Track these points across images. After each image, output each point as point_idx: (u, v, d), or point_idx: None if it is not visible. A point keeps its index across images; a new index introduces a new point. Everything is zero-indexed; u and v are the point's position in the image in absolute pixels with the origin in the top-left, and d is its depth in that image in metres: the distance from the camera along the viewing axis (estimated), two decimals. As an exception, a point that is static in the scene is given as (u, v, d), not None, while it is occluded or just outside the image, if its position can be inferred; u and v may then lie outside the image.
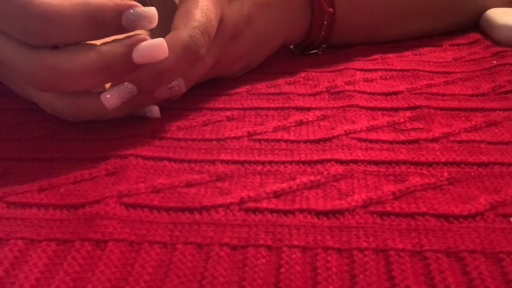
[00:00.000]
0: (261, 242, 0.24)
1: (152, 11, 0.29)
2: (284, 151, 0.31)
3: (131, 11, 0.29)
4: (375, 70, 0.41)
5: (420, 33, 0.47)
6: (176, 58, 0.31)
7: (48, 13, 0.27)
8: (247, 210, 0.26)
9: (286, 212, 0.26)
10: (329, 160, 0.30)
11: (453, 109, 0.35)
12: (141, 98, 0.32)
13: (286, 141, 0.32)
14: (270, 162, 0.30)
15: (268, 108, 0.36)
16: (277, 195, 0.27)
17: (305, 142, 0.32)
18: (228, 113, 0.35)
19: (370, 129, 0.33)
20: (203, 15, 0.33)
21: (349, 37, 0.45)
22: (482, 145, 0.31)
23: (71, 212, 0.26)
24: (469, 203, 0.26)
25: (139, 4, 0.29)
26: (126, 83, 0.30)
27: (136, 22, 0.29)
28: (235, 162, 0.30)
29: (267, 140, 0.32)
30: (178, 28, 0.32)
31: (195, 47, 0.32)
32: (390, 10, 0.44)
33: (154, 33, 0.37)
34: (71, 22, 0.27)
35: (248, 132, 0.33)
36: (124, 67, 0.29)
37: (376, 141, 0.31)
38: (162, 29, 0.38)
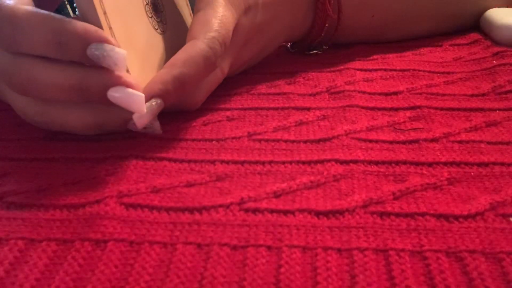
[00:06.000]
0: (261, 242, 0.24)
1: (120, 54, 0.27)
2: (284, 151, 0.31)
3: (98, 45, 0.27)
4: (375, 70, 0.41)
5: (420, 35, 0.47)
6: (197, 69, 0.31)
7: (15, 18, 0.27)
8: (247, 210, 0.26)
9: (286, 212, 0.26)
10: (329, 160, 0.30)
11: (453, 109, 0.35)
12: (113, 124, 0.31)
13: (286, 141, 0.32)
14: (270, 162, 0.30)
15: (268, 108, 0.36)
16: (277, 195, 0.27)
17: (305, 142, 0.32)
18: (228, 113, 0.35)
19: (370, 129, 0.33)
20: (222, 25, 0.33)
21: (350, 38, 0.45)
22: (482, 145, 0.31)
23: (71, 212, 0.26)
24: (469, 203, 0.26)
25: (112, 41, 0.28)
26: (153, 99, 0.30)
27: (100, 58, 0.27)
28: (235, 162, 0.30)
29: (267, 140, 0.32)
30: (197, 38, 0.32)
31: (213, 58, 0.32)
32: (391, 14, 0.44)
33: (166, 34, 0.37)
34: (36, 33, 0.27)
35: (248, 132, 0.33)
36: (98, 96, 0.28)
37: (376, 141, 0.31)
38: (173, 31, 0.38)
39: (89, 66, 0.28)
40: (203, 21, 0.33)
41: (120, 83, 0.28)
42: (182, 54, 0.31)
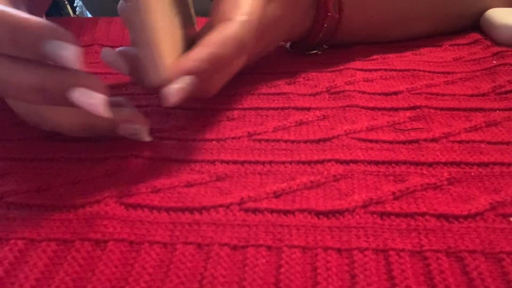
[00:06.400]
0: (261, 242, 0.24)
1: (71, 51, 0.25)
2: (284, 151, 0.31)
3: (50, 42, 0.25)
4: (375, 70, 0.41)
5: (420, 35, 0.47)
6: (231, 51, 0.31)
7: None
8: (247, 210, 0.26)
9: (286, 212, 0.26)
10: (329, 160, 0.30)
11: (453, 109, 0.35)
12: (101, 127, 0.30)
13: (286, 141, 0.32)
14: (270, 162, 0.30)
15: (268, 108, 0.36)
16: (277, 195, 0.27)
17: (305, 142, 0.32)
18: (228, 113, 0.35)
19: (370, 129, 0.33)
20: (253, 10, 0.32)
21: (349, 38, 0.45)
22: (482, 145, 0.31)
23: (71, 212, 0.26)
24: (469, 203, 0.26)
25: (68, 36, 0.26)
26: (186, 76, 0.29)
27: (52, 56, 0.25)
28: (235, 162, 0.30)
29: (267, 140, 0.32)
30: (230, 19, 0.31)
31: (246, 42, 0.32)
32: (391, 14, 0.44)
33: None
34: None
35: (248, 132, 0.33)
36: (60, 98, 0.27)
37: (376, 141, 0.31)
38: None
39: (52, 65, 0.27)
40: (234, 2, 0.32)
41: (79, 83, 0.26)
42: (216, 35, 0.31)
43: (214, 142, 0.32)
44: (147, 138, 0.30)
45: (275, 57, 0.43)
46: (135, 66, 0.31)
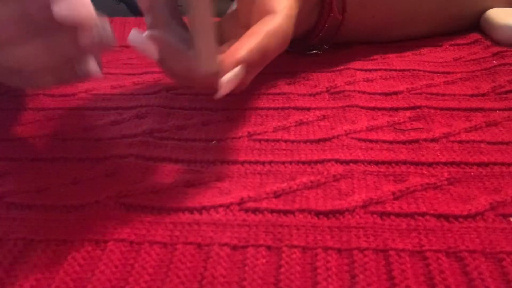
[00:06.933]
0: (261, 242, 0.24)
1: None
2: (284, 151, 0.31)
3: None
4: (375, 70, 0.41)
5: (421, 36, 0.47)
6: (278, 43, 0.31)
7: None
8: (247, 210, 0.26)
9: (286, 212, 0.26)
10: (329, 160, 0.30)
11: (453, 109, 0.35)
12: (66, 50, 0.27)
13: (286, 141, 0.32)
14: (270, 162, 0.30)
15: (268, 108, 0.36)
16: (277, 195, 0.27)
17: (305, 142, 0.32)
18: (228, 113, 0.35)
19: (370, 129, 0.33)
20: (292, 3, 0.33)
21: (350, 38, 0.45)
22: (482, 145, 0.31)
23: (71, 213, 0.26)
24: (469, 203, 0.26)
25: None
26: (238, 67, 0.29)
27: None
28: (235, 162, 0.30)
29: (267, 140, 0.32)
30: (276, 11, 0.32)
31: (289, 35, 0.32)
32: (392, 15, 0.44)
33: None
34: None
35: (248, 132, 0.33)
36: (43, 19, 0.25)
37: (376, 141, 0.31)
38: None
39: None
40: None
41: None
42: (263, 26, 0.31)
43: (214, 142, 0.32)
44: (96, 70, 0.27)
45: (275, 57, 0.43)
46: (164, 53, 0.30)
